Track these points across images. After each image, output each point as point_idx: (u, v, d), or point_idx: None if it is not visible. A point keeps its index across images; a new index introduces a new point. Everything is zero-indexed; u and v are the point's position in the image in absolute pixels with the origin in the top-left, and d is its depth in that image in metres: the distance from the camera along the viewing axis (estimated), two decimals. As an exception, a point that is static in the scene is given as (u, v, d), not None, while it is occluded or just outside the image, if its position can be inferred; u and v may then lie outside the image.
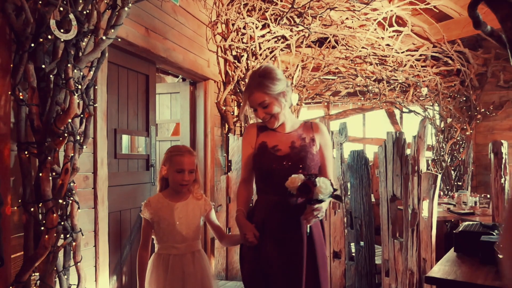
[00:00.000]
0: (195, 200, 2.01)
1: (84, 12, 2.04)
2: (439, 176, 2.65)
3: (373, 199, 4.05)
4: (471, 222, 2.09)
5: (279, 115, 1.86)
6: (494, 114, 5.55)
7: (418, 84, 5.18)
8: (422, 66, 5.15)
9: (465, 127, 5.45)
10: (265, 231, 1.81)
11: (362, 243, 3.37)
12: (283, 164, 1.82)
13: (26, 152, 1.89)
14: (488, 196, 3.71)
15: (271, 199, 1.84)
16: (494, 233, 1.81)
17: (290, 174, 1.72)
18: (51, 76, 1.93)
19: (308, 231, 1.78)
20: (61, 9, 1.91)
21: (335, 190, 1.71)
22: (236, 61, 4.26)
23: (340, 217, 3.36)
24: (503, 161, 2.90)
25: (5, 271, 1.84)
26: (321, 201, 1.67)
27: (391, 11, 4.41)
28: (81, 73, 2.05)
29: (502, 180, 2.91)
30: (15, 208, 1.91)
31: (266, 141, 1.88)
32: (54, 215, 1.89)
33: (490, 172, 2.93)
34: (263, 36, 4.31)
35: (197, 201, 2.01)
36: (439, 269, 1.62)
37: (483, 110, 5.52)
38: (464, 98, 5.46)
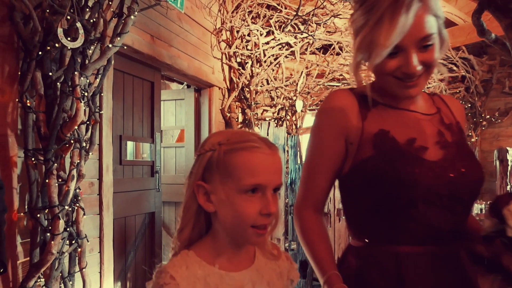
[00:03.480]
0: (270, 261, 0.89)
1: (91, 21, 2.06)
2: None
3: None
4: (476, 230, 2.08)
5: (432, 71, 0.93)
6: (499, 121, 5.54)
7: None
8: (426, 73, 5.15)
9: (470, 133, 5.43)
10: None
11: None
12: (443, 178, 0.88)
13: (33, 159, 1.91)
14: (494, 203, 3.68)
15: (411, 252, 0.89)
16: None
17: (457, 196, 0.89)
18: (58, 83, 1.96)
19: None
20: (69, 17, 1.93)
21: None
22: (240, 68, 4.29)
23: (345, 224, 3.35)
24: (509, 168, 2.89)
25: (11, 276, 1.85)
26: None
27: (395, 18, 4.42)
28: (88, 81, 2.07)
29: (508, 187, 2.89)
30: (22, 214, 1.93)
31: (388, 130, 0.91)
32: (60, 221, 1.90)
33: (495, 179, 2.92)
34: (267, 43, 4.34)
35: (275, 263, 0.90)
36: (444, 277, 1.61)
37: (488, 116, 5.51)
38: (469, 105, 5.45)
